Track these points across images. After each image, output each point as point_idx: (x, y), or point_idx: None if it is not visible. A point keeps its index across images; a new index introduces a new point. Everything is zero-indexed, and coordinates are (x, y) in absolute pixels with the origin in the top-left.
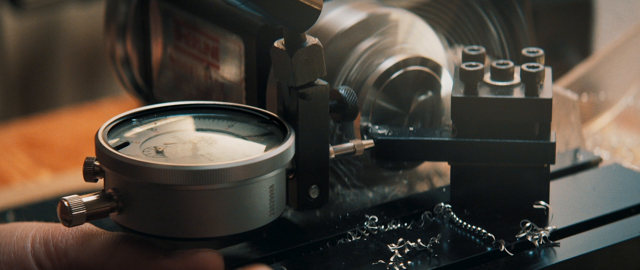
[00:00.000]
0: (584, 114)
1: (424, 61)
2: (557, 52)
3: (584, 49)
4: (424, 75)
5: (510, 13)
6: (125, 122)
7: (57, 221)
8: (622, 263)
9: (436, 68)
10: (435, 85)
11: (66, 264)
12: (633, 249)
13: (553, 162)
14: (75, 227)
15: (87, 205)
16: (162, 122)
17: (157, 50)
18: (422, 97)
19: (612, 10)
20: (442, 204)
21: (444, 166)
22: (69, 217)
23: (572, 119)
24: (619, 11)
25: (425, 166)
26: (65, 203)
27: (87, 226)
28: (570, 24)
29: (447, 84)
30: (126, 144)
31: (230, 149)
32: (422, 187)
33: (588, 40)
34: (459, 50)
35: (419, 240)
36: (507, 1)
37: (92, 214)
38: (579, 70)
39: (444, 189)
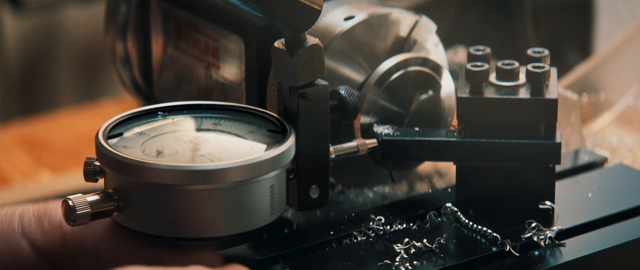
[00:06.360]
0: (584, 114)
1: (424, 61)
2: (557, 53)
3: (584, 49)
4: (424, 75)
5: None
6: (125, 122)
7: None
8: (629, 263)
9: (436, 68)
10: (435, 86)
11: (59, 236)
12: (639, 249)
13: (558, 162)
14: None
15: (92, 204)
16: (162, 122)
17: (157, 50)
18: (423, 97)
19: (612, 10)
20: (449, 204)
21: (445, 166)
22: (73, 217)
23: (572, 119)
24: (619, 11)
25: (426, 166)
26: (70, 202)
27: None
28: (570, 24)
29: (447, 84)
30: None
31: (230, 148)
32: (422, 188)
33: (588, 40)
34: (459, 51)
35: (424, 240)
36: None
37: (96, 213)
38: (579, 70)
39: (449, 189)
